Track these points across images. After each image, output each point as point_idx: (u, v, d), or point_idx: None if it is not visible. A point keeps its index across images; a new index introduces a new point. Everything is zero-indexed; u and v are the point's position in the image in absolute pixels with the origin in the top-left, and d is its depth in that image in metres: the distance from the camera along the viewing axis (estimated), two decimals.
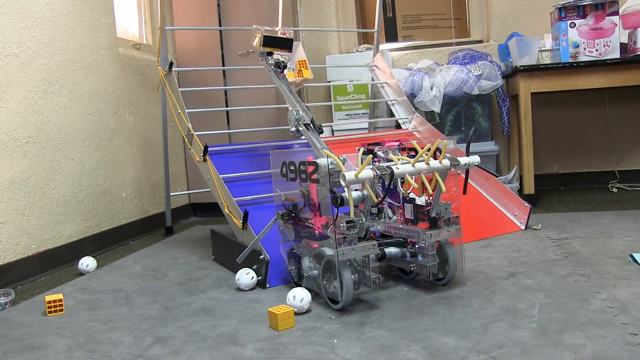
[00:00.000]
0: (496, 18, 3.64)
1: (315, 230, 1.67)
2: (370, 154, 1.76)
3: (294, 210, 1.75)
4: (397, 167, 1.56)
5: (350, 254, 1.55)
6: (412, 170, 1.60)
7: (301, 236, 1.75)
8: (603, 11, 2.85)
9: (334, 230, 1.55)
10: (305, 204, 1.72)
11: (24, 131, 2.32)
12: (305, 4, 3.90)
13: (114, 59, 2.95)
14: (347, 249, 1.54)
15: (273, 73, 2.21)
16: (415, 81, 3.19)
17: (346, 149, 2.68)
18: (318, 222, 1.65)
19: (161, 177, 3.31)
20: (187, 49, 3.57)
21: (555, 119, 3.63)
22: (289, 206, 1.78)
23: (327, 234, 1.60)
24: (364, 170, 1.52)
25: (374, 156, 1.85)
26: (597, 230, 2.33)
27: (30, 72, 2.37)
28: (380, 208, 1.89)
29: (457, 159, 1.65)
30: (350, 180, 1.50)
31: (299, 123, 2.05)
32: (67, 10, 2.62)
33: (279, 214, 1.81)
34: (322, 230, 1.63)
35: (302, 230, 1.74)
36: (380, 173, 1.54)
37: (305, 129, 2.04)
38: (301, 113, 2.06)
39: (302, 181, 1.68)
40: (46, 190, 2.43)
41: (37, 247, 2.37)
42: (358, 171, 1.51)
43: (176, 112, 2.50)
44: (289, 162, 1.74)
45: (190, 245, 2.73)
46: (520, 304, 1.53)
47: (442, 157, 1.65)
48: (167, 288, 1.99)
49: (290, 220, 1.78)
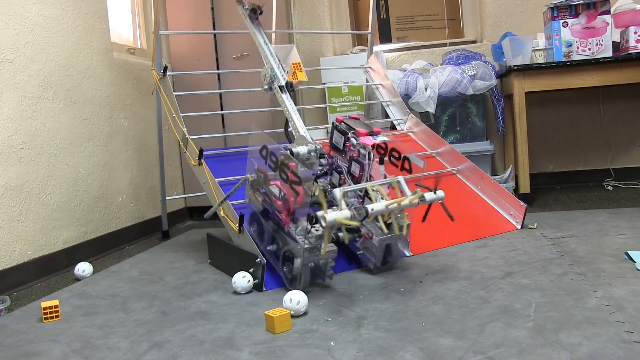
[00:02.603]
0: (489, 18, 3.65)
1: (285, 226, 1.80)
2: (344, 137, 1.95)
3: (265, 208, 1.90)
4: (372, 209, 1.69)
5: (313, 259, 1.74)
6: (384, 210, 1.72)
7: (268, 216, 1.87)
8: (595, 10, 2.86)
9: (303, 243, 1.71)
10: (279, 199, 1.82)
11: (19, 137, 2.32)
12: (299, 7, 3.90)
13: (108, 64, 2.95)
14: (311, 256, 1.73)
15: (248, 19, 2.13)
16: (409, 82, 3.19)
17: None
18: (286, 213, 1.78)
19: (157, 181, 3.30)
20: (181, 53, 3.57)
21: (550, 118, 3.64)
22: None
23: (294, 236, 1.74)
24: (343, 211, 1.64)
25: (347, 140, 1.98)
26: (593, 228, 2.34)
27: (24, 78, 2.37)
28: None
29: (424, 196, 1.79)
30: (330, 222, 1.61)
31: (272, 83, 2.05)
32: (61, 15, 2.62)
33: (248, 178, 1.90)
34: (289, 228, 1.77)
35: (269, 213, 1.86)
36: (357, 213, 1.67)
37: (278, 90, 2.02)
38: (276, 71, 2.03)
39: (284, 180, 1.74)
40: (41, 196, 2.42)
41: (33, 253, 2.36)
42: (337, 214, 1.63)
43: (171, 116, 2.50)
44: (271, 151, 1.80)
45: (187, 249, 2.72)
46: (516, 304, 1.53)
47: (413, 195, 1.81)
48: (163, 292, 1.99)
49: (259, 195, 1.91)
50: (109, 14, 3.02)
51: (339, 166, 2.09)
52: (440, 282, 1.80)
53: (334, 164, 2.13)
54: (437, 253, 2.17)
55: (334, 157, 2.11)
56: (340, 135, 2.05)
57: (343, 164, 2.06)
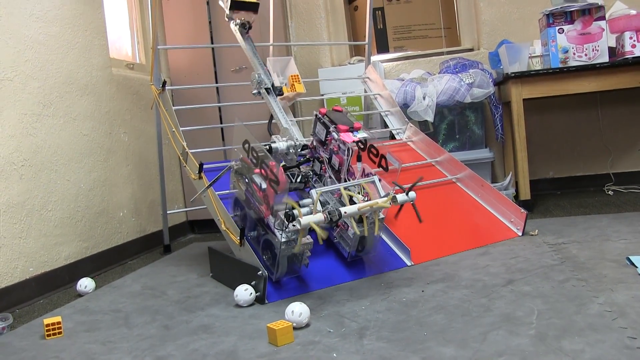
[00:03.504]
0: (486, 26, 3.67)
1: (264, 217, 1.90)
2: (326, 129, 2.06)
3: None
4: (345, 212, 1.79)
5: (289, 251, 1.85)
6: (356, 212, 1.82)
7: (250, 205, 1.96)
8: (590, 16, 2.88)
9: (280, 237, 1.82)
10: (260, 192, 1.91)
11: (20, 154, 2.33)
12: (297, 19, 3.93)
13: (107, 80, 2.97)
14: (289, 248, 1.83)
15: (239, 34, 2.29)
16: (407, 91, 3.21)
17: None
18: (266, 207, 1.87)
19: (158, 195, 3.31)
20: (180, 67, 3.59)
21: (549, 124, 3.65)
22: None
23: (272, 228, 1.86)
24: (317, 215, 1.76)
25: (328, 134, 2.06)
26: (594, 233, 2.34)
27: (24, 95, 2.38)
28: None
29: (395, 198, 1.90)
30: (305, 225, 1.72)
31: (260, 86, 2.17)
32: (60, 33, 2.64)
33: (233, 166, 2.00)
34: (268, 220, 1.88)
35: (251, 203, 1.95)
36: (331, 216, 1.77)
37: (265, 92, 2.14)
38: (263, 77, 2.15)
39: (263, 178, 1.84)
40: (43, 212, 2.43)
41: (35, 270, 2.37)
42: (311, 217, 1.75)
43: (170, 131, 2.51)
44: (252, 147, 1.89)
45: (189, 262, 2.72)
46: (518, 311, 1.53)
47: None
48: (166, 307, 1.99)
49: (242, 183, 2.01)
50: (107, 30, 3.04)
51: (320, 155, 2.17)
52: (441, 291, 1.80)
53: (316, 153, 2.21)
54: (439, 262, 2.17)
55: (317, 146, 2.19)
56: (322, 127, 2.13)
57: (324, 155, 2.14)
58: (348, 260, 2.12)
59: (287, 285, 1.97)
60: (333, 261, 2.14)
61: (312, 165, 2.24)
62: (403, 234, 2.27)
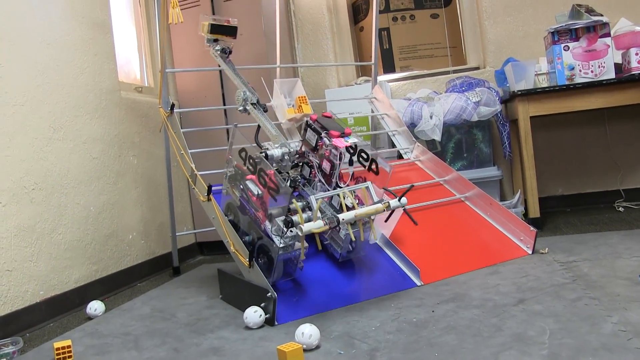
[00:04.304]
0: (491, 44, 3.69)
1: (261, 223, 1.94)
2: (318, 135, 2.14)
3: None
4: (343, 218, 1.84)
5: (285, 256, 1.90)
6: (353, 218, 1.86)
7: (245, 211, 2.02)
8: (595, 33, 2.89)
9: (279, 242, 1.87)
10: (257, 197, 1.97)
11: (31, 178, 2.35)
12: (303, 40, 3.96)
13: (116, 103, 3.00)
14: (285, 253, 1.88)
15: (220, 58, 2.40)
16: (414, 111, 3.22)
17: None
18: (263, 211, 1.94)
19: (167, 217, 3.32)
20: (188, 90, 3.62)
21: (556, 141, 3.64)
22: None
23: (269, 234, 1.91)
24: (317, 222, 1.82)
25: (319, 139, 2.13)
26: (605, 251, 2.32)
27: (35, 120, 2.41)
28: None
29: (388, 203, 1.95)
30: (306, 231, 1.78)
31: (246, 102, 2.25)
32: (71, 58, 2.68)
33: (226, 173, 2.08)
34: (265, 225, 1.93)
35: (246, 209, 2.01)
36: (329, 222, 1.83)
37: (252, 107, 2.23)
38: (248, 93, 2.24)
39: (262, 185, 1.90)
40: (53, 235, 2.44)
41: (45, 293, 2.37)
42: (312, 225, 1.80)
43: (179, 153, 2.52)
44: (249, 154, 1.96)
45: (198, 284, 2.72)
46: (530, 331, 1.52)
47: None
48: (175, 329, 1.98)
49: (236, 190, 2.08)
50: (116, 54, 3.09)
51: (310, 160, 2.22)
52: (452, 311, 1.79)
53: (305, 158, 2.27)
54: (449, 282, 2.16)
55: (306, 152, 2.25)
56: (313, 133, 2.20)
57: (314, 160, 2.19)
58: (340, 261, 2.18)
59: (297, 306, 1.97)
60: (341, 278, 2.13)
61: (300, 170, 2.29)
62: (412, 254, 2.26)
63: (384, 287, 2.12)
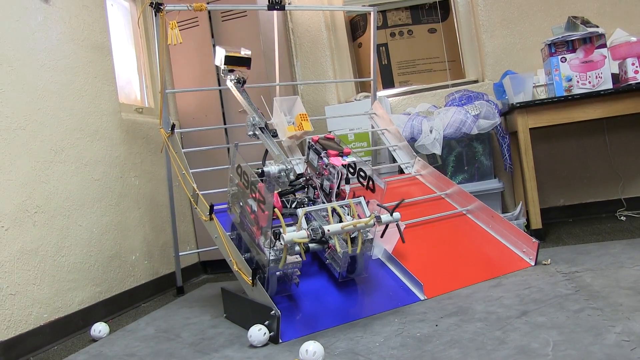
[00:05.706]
0: (489, 57, 3.71)
1: (255, 237, 1.98)
2: (318, 155, 2.20)
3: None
4: (328, 229, 1.87)
5: (276, 269, 1.92)
6: (340, 230, 1.89)
7: (244, 227, 2.08)
8: (592, 45, 2.91)
9: (269, 254, 1.90)
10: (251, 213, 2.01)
11: (33, 201, 2.36)
12: (302, 58, 3.99)
13: (117, 125, 3.02)
14: (277, 267, 1.89)
15: (235, 88, 2.50)
16: (414, 125, 3.23)
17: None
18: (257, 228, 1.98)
19: (170, 237, 3.33)
20: (188, 110, 3.65)
21: (557, 152, 3.65)
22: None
23: (262, 247, 1.93)
24: (300, 232, 1.85)
25: (320, 159, 2.19)
26: (608, 261, 2.32)
27: (37, 143, 2.43)
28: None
29: (379, 217, 1.96)
30: (288, 240, 1.81)
31: (255, 127, 2.31)
32: (71, 81, 2.70)
33: (229, 191, 2.14)
34: (259, 240, 1.96)
35: (245, 225, 2.06)
36: (314, 233, 1.86)
37: (260, 132, 2.29)
38: (257, 119, 2.31)
39: (253, 199, 1.94)
40: (56, 258, 2.45)
41: (49, 316, 2.37)
42: (294, 234, 1.84)
43: (181, 173, 2.54)
44: (244, 170, 1.99)
45: (202, 304, 2.72)
46: (534, 343, 1.51)
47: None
48: (180, 349, 1.98)
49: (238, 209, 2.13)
50: (116, 76, 3.11)
51: (314, 181, 2.27)
52: (455, 324, 1.79)
53: (310, 180, 2.32)
54: (452, 295, 2.15)
55: (310, 173, 2.31)
56: (314, 154, 2.26)
57: (317, 180, 2.24)
58: (340, 281, 2.18)
59: (300, 324, 1.97)
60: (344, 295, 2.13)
61: (306, 192, 2.34)
62: (415, 268, 2.26)
63: (387, 302, 2.12)
